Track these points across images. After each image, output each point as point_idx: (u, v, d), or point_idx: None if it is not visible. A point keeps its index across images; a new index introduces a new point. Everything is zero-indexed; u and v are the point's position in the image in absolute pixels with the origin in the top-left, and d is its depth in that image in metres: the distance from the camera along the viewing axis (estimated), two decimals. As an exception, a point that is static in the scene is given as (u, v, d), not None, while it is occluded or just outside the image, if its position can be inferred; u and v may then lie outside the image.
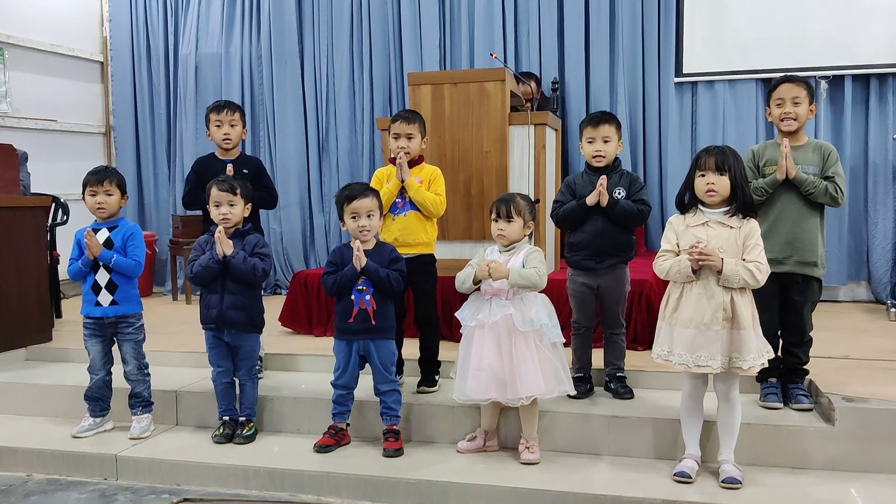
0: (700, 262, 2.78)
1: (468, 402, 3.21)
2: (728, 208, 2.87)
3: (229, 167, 3.78)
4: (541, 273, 3.08)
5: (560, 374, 3.09)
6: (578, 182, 3.51)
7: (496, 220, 3.17)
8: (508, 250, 3.18)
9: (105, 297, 3.48)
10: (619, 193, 3.42)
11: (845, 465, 3.01)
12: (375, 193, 3.31)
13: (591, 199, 3.38)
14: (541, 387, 3.03)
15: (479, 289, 3.18)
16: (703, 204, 2.91)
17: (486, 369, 3.06)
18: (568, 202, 3.49)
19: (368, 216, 3.25)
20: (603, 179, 3.36)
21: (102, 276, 3.47)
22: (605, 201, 3.36)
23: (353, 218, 3.25)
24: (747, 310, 2.82)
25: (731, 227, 2.85)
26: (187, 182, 3.96)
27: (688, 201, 2.95)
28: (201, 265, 3.37)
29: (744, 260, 2.80)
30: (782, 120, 3.29)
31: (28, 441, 3.53)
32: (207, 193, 3.43)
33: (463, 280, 3.18)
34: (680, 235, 2.93)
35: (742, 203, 2.85)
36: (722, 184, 2.84)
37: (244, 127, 3.98)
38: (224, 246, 3.32)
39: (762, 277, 2.80)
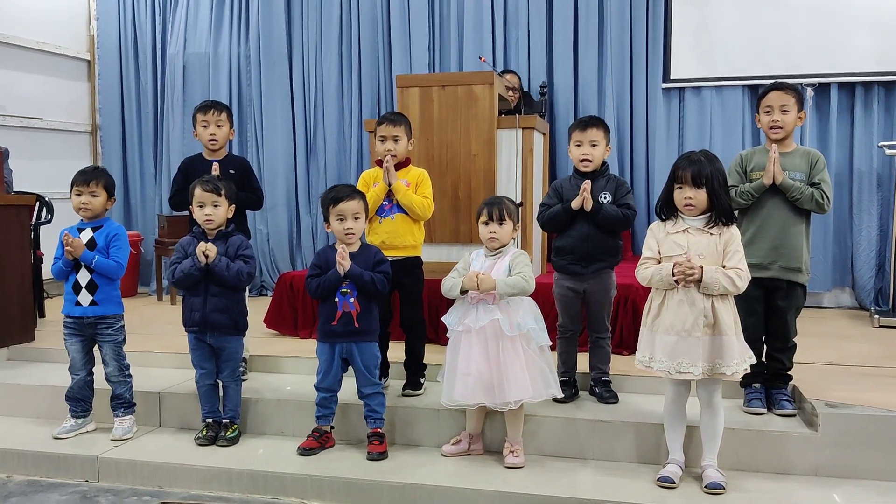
0: (683, 279, 2.78)
1: (456, 407, 3.20)
2: (707, 216, 2.88)
3: (215, 166, 3.75)
4: (527, 278, 3.07)
5: (547, 377, 3.09)
6: (566, 186, 3.52)
7: (487, 223, 3.15)
8: (495, 254, 3.18)
9: (85, 297, 3.44)
10: (606, 198, 3.42)
11: (828, 471, 3.02)
12: (361, 196, 3.31)
13: (575, 203, 3.38)
14: (529, 391, 3.03)
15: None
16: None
17: (473, 374, 3.05)
18: (554, 205, 3.49)
19: (355, 218, 3.24)
20: (587, 184, 3.36)
21: (83, 276, 3.43)
22: (588, 206, 3.36)
23: (340, 220, 3.23)
24: (729, 316, 2.82)
25: (712, 234, 2.85)
26: (174, 183, 3.90)
27: (667, 210, 2.95)
28: (182, 271, 3.33)
29: (724, 267, 2.81)
30: (770, 128, 3.31)
31: (8, 442, 3.50)
32: (191, 193, 3.40)
33: (450, 288, 3.15)
34: (661, 242, 2.93)
35: (720, 211, 2.85)
36: (699, 197, 2.83)
37: (231, 127, 3.94)
38: (207, 252, 3.29)
39: (742, 284, 2.81)
